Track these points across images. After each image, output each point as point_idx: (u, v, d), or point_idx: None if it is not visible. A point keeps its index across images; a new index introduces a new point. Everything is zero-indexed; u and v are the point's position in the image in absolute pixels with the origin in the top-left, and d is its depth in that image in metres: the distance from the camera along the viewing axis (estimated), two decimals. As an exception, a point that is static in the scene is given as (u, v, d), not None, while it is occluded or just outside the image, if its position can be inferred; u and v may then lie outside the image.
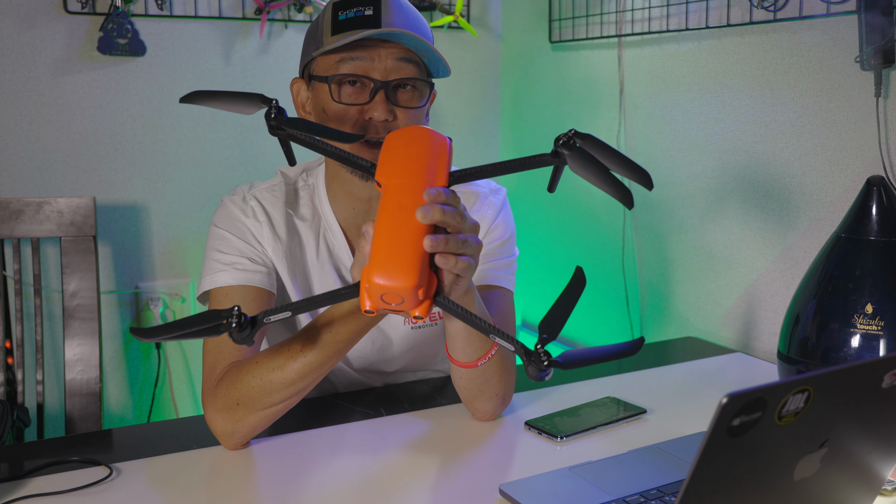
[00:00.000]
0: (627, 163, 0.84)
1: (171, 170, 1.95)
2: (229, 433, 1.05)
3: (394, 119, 1.09)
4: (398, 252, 0.78)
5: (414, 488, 0.98)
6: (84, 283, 1.56)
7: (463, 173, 0.87)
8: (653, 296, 1.84)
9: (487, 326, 0.83)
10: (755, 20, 1.51)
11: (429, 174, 0.83)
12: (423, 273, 0.79)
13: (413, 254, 0.78)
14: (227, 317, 0.80)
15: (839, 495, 0.73)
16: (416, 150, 0.85)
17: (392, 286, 0.77)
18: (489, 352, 1.06)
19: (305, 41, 1.16)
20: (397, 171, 0.83)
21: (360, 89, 1.09)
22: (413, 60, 1.10)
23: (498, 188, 1.28)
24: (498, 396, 1.14)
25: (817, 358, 1.14)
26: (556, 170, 0.87)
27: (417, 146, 0.85)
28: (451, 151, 0.87)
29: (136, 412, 2.00)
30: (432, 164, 0.84)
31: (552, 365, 0.80)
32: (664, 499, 0.93)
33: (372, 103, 1.08)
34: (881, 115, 1.32)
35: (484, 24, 2.28)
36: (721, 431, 0.55)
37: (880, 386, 0.65)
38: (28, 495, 0.95)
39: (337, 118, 1.09)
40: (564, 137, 0.83)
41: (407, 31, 1.06)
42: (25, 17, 1.77)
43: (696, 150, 1.69)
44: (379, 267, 0.77)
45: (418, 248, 0.79)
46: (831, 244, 1.17)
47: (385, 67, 1.08)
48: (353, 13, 1.08)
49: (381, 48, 1.08)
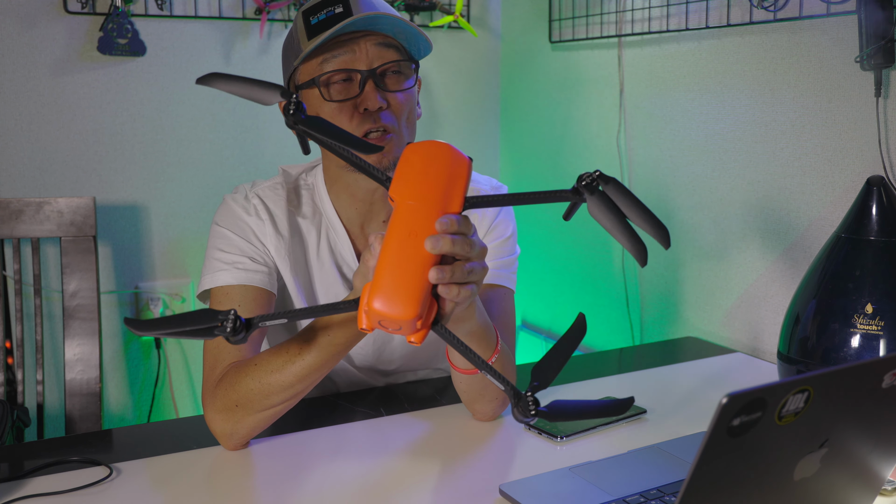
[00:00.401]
0: (649, 216, 0.80)
1: (171, 170, 1.95)
2: (228, 434, 1.05)
3: (388, 106, 1.10)
4: (402, 282, 0.77)
5: (414, 488, 0.98)
6: (84, 283, 1.56)
7: (478, 200, 0.84)
8: (653, 296, 1.84)
9: (481, 363, 0.82)
10: (755, 20, 1.51)
11: (444, 198, 0.80)
12: (425, 304, 0.78)
13: (417, 285, 0.77)
14: (222, 319, 0.79)
15: (839, 495, 0.73)
16: (434, 170, 0.82)
17: (391, 315, 0.76)
18: (490, 358, 1.05)
19: (284, 56, 1.16)
20: (412, 192, 0.81)
21: (347, 84, 1.09)
22: (392, 45, 1.10)
23: (499, 185, 1.28)
24: (498, 399, 1.14)
25: (817, 358, 1.14)
26: (574, 205, 0.83)
27: (436, 166, 0.82)
28: (470, 173, 0.84)
29: (136, 412, 2.00)
30: (449, 187, 0.81)
31: (538, 415, 0.79)
32: (664, 499, 0.93)
33: (363, 94, 1.08)
34: (881, 115, 1.32)
35: (484, 24, 2.28)
36: (721, 431, 0.55)
37: (880, 386, 0.65)
38: (28, 495, 0.95)
39: (331, 118, 1.09)
40: (588, 178, 0.79)
41: (380, 13, 1.06)
42: (25, 17, 1.77)
43: (696, 150, 1.69)
44: (381, 294, 0.77)
45: (423, 279, 0.78)
46: (831, 244, 1.17)
47: (368, 56, 1.08)
48: (325, 14, 1.08)
49: (360, 40, 1.08)
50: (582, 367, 1.51)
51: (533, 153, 2.22)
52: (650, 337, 1.85)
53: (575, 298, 2.07)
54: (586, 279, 2.03)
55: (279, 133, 2.03)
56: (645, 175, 1.82)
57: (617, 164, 1.89)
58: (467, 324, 0.98)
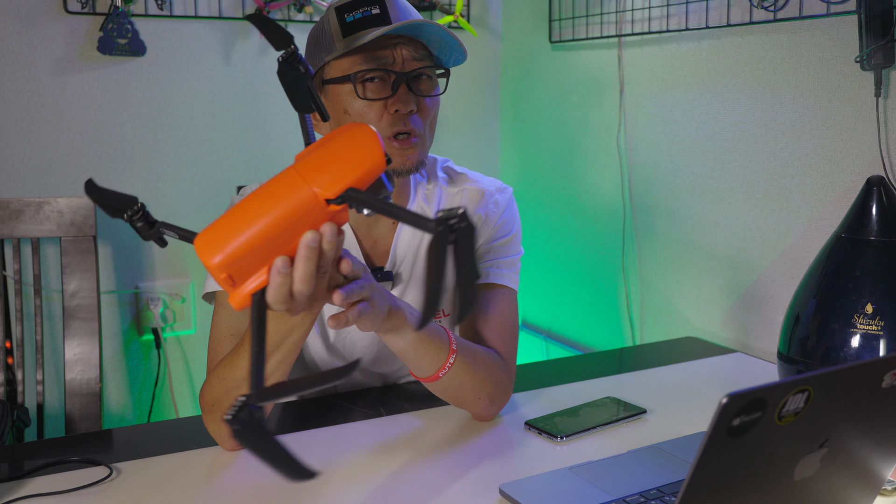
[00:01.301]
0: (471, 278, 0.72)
1: (171, 170, 1.95)
2: (217, 435, 1.05)
3: (417, 109, 1.12)
4: (229, 228, 0.73)
5: (414, 488, 0.98)
6: (84, 283, 1.56)
7: (357, 197, 0.76)
8: (653, 296, 1.84)
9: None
10: (755, 20, 1.51)
11: (323, 177, 0.75)
12: (239, 262, 0.73)
13: (237, 237, 0.73)
14: (131, 206, 0.77)
15: (839, 495, 0.73)
16: (335, 148, 0.77)
17: (200, 254, 0.73)
18: (447, 361, 1.05)
19: (312, 48, 1.16)
20: (305, 161, 0.76)
21: (381, 84, 1.10)
22: (428, 51, 1.13)
23: (504, 187, 1.29)
24: (481, 398, 1.13)
25: (817, 358, 1.14)
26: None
27: (342, 145, 0.77)
28: (377, 170, 0.77)
29: (136, 412, 2.01)
30: (339, 171, 0.75)
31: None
32: (664, 499, 0.93)
33: (396, 96, 1.09)
34: (881, 115, 1.32)
35: (484, 24, 2.28)
36: (721, 431, 0.56)
37: (880, 386, 0.65)
38: (28, 495, 0.95)
39: (360, 115, 1.11)
40: (451, 218, 0.70)
41: (424, 21, 1.08)
42: (25, 17, 1.77)
43: (696, 150, 1.69)
44: (206, 232, 0.74)
45: (251, 237, 0.73)
46: (831, 244, 1.17)
47: (403, 60, 1.10)
48: (361, 14, 1.09)
49: (398, 44, 1.10)
50: (582, 367, 1.51)
51: (533, 153, 2.22)
52: (650, 337, 1.85)
53: (575, 298, 2.07)
54: (586, 279, 2.03)
55: (279, 133, 2.03)
56: (645, 175, 1.82)
57: (617, 164, 1.90)
58: (396, 339, 0.99)
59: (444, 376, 1.06)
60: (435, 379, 1.06)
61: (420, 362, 1.04)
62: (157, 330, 1.97)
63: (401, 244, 1.22)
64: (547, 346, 2.17)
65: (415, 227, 0.74)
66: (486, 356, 1.13)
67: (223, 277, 0.74)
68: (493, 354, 1.15)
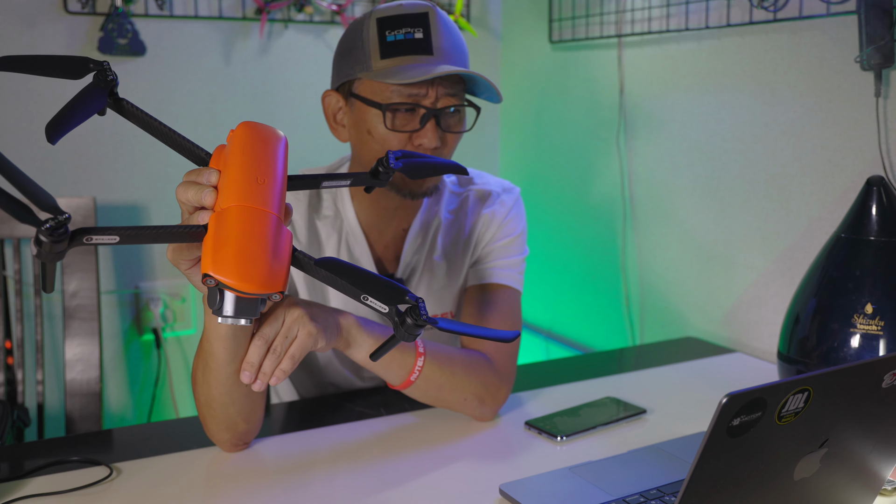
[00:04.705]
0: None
1: (171, 170, 1.95)
2: (213, 435, 1.04)
3: (442, 145, 1.10)
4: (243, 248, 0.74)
5: (414, 488, 0.98)
6: (84, 283, 1.56)
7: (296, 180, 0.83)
8: (653, 296, 1.84)
9: (354, 291, 0.77)
10: (755, 20, 1.51)
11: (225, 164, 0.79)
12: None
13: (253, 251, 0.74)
14: (51, 220, 0.65)
15: (839, 495, 0.73)
16: (240, 141, 0.80)
17: None
18: (415, 365, 1.04)
19: (343, 54, 1.13)
20: (224, 156, 0.80)
21: (409, 116, 1.09)
22: (462, 88, 1.11)
23: (511, 187, 1.29)
24: (467, 399, 1.12)
25: (817, 358, 1.14)
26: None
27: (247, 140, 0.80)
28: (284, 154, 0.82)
29: (136, 412, 2.01)
30: (241, 164, 0.78)
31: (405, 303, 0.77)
32: (664, 499, 0.93)
33: (422, 130, 1.08)
34: (881, 115, 1.32)
35: (484, 24, 2.28)
36: (721, 431, 0.56)
37: (880, 386, 0.65)
38: (28, 495, 0.95)
39: (383, 139, 1.09)
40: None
41: (457, 57, 1.07)
42: (25, 17, 1.77)
43: (696, 151, 1.69)
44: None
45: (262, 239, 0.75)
46: (831, 244, 1.17)
47: (437, 96, 1.08)
48: (403, 35, 1.06)
49: (435, 81, 1.07)
50: (582, 367, 1.51)
51: (533, 153, 2.22)
52: (650, 337, 1.85)
53: (575, 298, 2.07)
54: (586, 279, 2.03)
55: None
56: (645, 175, 1.82)
57: (617, 164, 1.90)
58: (354, 351, 1.00)
59: (416, 380, 1.05)
60: (409, 384, 1.06)
61: (387, 370, 1.04)
62: (158, 330, 1.97)
63: (409, 251, 1.22)
64: (547, 346, 2.17)
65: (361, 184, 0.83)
66: (465, 357, 1.12)
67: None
68: (474, 354, 1.14)
